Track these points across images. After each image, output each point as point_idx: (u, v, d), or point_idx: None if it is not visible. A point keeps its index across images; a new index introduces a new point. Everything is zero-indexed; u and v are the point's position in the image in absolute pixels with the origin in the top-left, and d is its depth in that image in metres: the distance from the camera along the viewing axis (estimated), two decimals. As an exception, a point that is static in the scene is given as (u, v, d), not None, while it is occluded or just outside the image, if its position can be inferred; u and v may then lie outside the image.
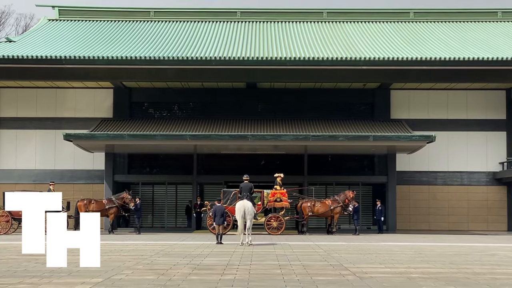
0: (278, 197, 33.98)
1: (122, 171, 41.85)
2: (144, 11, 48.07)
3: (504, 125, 41.80)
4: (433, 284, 12.76)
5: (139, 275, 14.11)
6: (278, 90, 42.20)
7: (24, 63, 36.92)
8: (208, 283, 12.68)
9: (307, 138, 36.49)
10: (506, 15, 47.85)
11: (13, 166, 41.47)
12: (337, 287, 12.35)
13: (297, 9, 49.18)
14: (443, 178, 41.91)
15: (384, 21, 47.49)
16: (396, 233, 37.41)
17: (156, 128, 38.89)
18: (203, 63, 37.08)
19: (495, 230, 40.50)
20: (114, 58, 36.71)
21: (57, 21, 47.15)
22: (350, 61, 37.06)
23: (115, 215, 35.87)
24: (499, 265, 17.04)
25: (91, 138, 36.77)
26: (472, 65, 37.24)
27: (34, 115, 41.69)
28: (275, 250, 21.61)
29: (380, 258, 18.73)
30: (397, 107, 41.97)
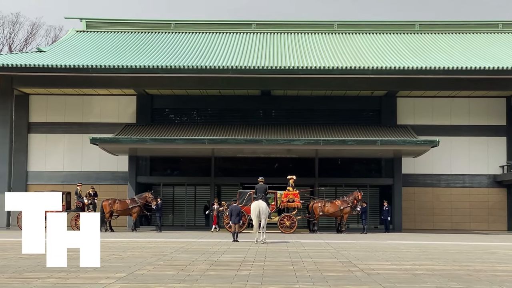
0: (291, 198, 33.97)
1: (145, 173, 41.94)
2: (166, 23, 48.21)
3: (504, 130, 41.59)
4: (437, 281, 12.70)
5: (160, 270, 14.13)
6: (291, 97, 42.18)
7: (53, 72, 37.11)
8: (225, 278, 12.67)
9: (318, 142, 36.44)
10: (506, 27, 47.65)
11: (42, 168, 41.64)
12: (346, 282, 12.31)
13: (309, 21, 49.15)
14: (446, 180, 41.73)
15: (391, 32, 47.39)
16: (402, 232, 37.25)
17: (176, 132, 38.93)
18: (221, 72, 37.11)
19: (495, 230, 40.26)
20: (137, 67, 36.81)
21: (84, 33, 47.37)
22: (358, 70, 36.99)
23: (138, 214, 35.91)
24: (499, 262, 16.95)
25: (115, 142, 36.85)
26: (474, 74, 37.09)
27: (62, 120, 41.85)
28: (288, 247, 21.58)
29: (387, 255, 18.67)
30: (403, 114, 41.83)
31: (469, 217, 41.36)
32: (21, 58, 39.47)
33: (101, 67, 36.82)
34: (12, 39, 71.54)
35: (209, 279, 12.54)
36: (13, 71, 37.76)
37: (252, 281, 12.32)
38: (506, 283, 12.52)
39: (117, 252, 19.10)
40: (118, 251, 19.31)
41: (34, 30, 72.83)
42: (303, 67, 37.03)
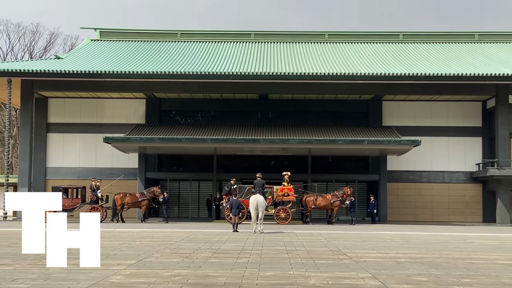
0: (286, 192, 33.94)
1: (153, 169, 41.93)
2: (172, 32, 48.19)
3: (480, 132, 41.59)
4: (418, 267, 12.71)
5: (167, 258, 14.13)
6: (286, 100, 42.15)
7: (70, 77, 37.07)
8: (226, 265, 12.68)
9: (311, 141, 36.43)
10: (482, 37, 47.71)
11: (60, 164, 41.59)
12: (336, 269, 12.32)
13: (302, 32, 49.14)
14: (427, 176, 41.72)
15: (377, 42, 47.40)
16: (387, 223, 37.26)
17: (182, 132, 38.89)
18: (222, 77, 37.08)
19: (471, 221, 40.24)
20: (146, 72, 36.79)
21: (98, 41, 47.32)
22: (348, 76, 36.97)
23: (147, 207, 35.88)
24: (475, 251, 16.96)
25: (126, 141, 36.81)
26: (453, 80, 37.10)
27: (78, 121, 41.79)
28: (283, 237, 21.59)
29: (373, 245, 18.68)
30: (388, 116, 41.81)
31: (448, 210, 41.36)
32: (40, 64, 39.42)
33: (114, 72, 36.80)
34: (32, 47, 71.54)
35: (211, 266, 12.55)
36: (34, 76, 37.71)
37: (251, 268, 12.33)
38: (481, 269, 12.54)
39: (128, 241, 19.10)
40: (128, 241, 19.31)
41: (52, 39, 72.85)
42: (297, 73, 37.01)
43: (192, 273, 11.47)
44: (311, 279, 10.92)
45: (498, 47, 46.32)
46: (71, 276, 11.00)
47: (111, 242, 18.16)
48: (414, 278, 11.23)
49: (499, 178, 38.79)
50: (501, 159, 38.73)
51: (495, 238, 23.56)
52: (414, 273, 11.81)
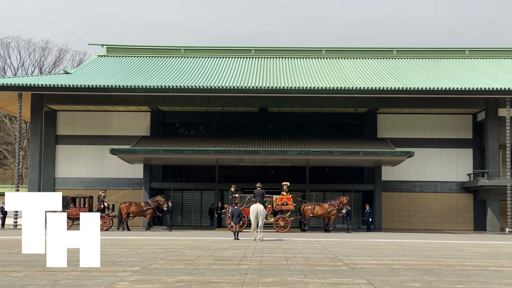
0: (285, 201, 33.92)
1: (157, 179, 41.91)
2: (176, 48, 48.31)
3: (470, 143, 41.61)
4: (412, 274, 12.69)
5: (171, 264, 14.11)
6: (285, 113, 42.20)
7: (78, 91, 37.14)
8: (227, 271, 12.66)
9: (308, 153, 36.45)
10: (472, 53, 47.85)
11: (68, 175, 41.60)
12: (333, 275, 12.30)
13: (300, 48, 49.28)
14: (420, 186, 41.69)
15: (372, 57, 47.50)
16: (382, 231, 37.19)
17: (185, 144, 38.92)
18: (224, 91, 37.15)
19: (463, 229, 40.18)
20: (151, 87, 36.86)
21: (105, 57, 47.41)
22: (344, 90, 37.05)
23: (151, 215, 35.83)
24: (466, 258, 16.93)
25: (132, 152, 36.84)
26: (444, 94, 37.18)
27: (86, 133, 41.83)
28: (282, 245, 21.55)
29: (368, 252, 18.64)
30: (382, 128, 41.84)
31: (440, 218, 41.31)
32: (50, 79, 39.53)
33: (120, 87, 36.87)
34: (42, 62, 71.67)
35: (213, 272, 12.52)
36: (43, 90, 37.80)
37: (251, 274, 12.31)
38: (472, 276, 12.52)
39: (133, 248, 19.07)
40: (133, 248, 19.28)
41: (61, 55, 72.97)
42: (296, 87, 37.08)
43: (195, 279, 11.45)
44: (309, 285, 10.89)
45: (487, 62, 46.42)
46: (78, 282, 10.97)
47: (117, 250, 18.13)
48: (408, 284, 11.20)
49: (489, 188, 38.77)
50: (491, 169, 38.74)
51: (486, 245, 23.50)
52: (408, 279, 11.78)
